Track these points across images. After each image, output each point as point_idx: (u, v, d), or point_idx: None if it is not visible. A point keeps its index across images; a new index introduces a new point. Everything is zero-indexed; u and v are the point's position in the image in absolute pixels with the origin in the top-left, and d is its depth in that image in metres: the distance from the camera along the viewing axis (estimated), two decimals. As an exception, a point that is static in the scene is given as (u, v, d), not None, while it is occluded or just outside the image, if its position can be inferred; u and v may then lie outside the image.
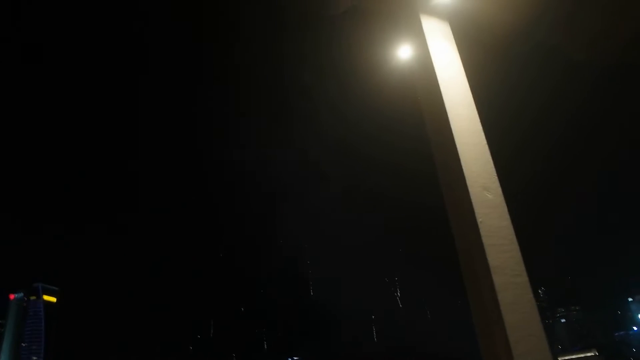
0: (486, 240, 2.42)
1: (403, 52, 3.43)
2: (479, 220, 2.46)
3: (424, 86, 2.91)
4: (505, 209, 2.56)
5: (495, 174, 2.65)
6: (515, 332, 2.24)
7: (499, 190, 2.61)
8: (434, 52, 2.85)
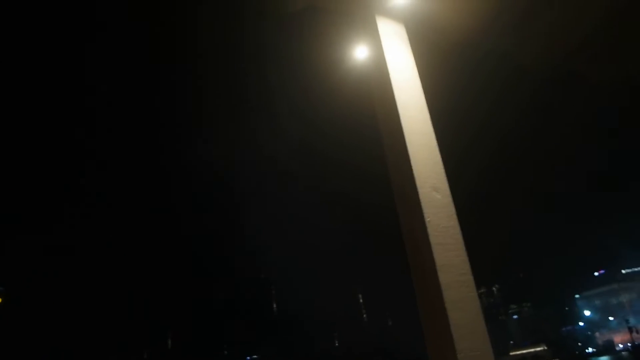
0: (433, 239, 2.48)
1: (360, 53, 3.46)
2: (427, 219, 2.51)
3: (377, 87, 2.94)
4: (453, 209, 2.63)
5: (445, 175, 2.71)
6: (459, 329, 2.30)
7: (448, 191, 2.68)
8: (389, 54, 2.89)
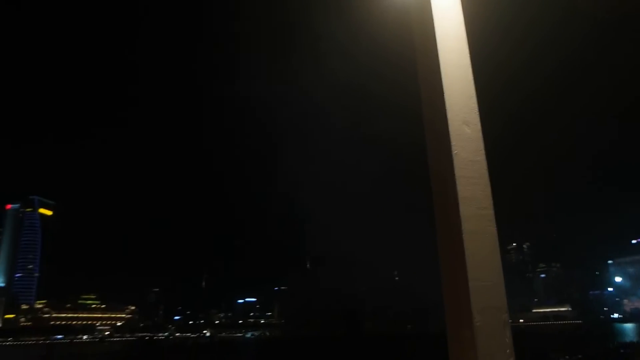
0: (458, 172, 2.50)
1: (404, -20, 3.33)
2: (454, 152, 2.52)
3: (416, 15, 2.87)
4: (482, 144, 2.62)
5: (477, 110, 2.68)
6: (474, 258, 2.37)
7: (478, 126, 2.66)
8: (432, -20, 2.79)
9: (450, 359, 2.43)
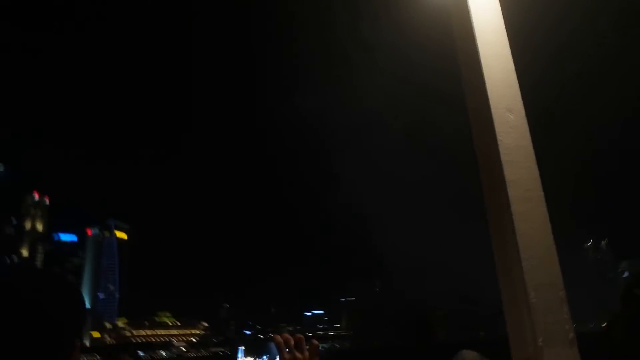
0: (504, 157, 2.59)
1: (440, -20, 3.48)
2: (499, 139, 2.62)
3: (455, 11, 3.00)
4: (527, 129, 2.70)
5: (520, 97, 2.77)
6: (525, 238, 2.45)
7: (522, 112, 2.74)
8: (466, -23, 2.92)
9: (510, 339, 2.51)
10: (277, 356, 1.60)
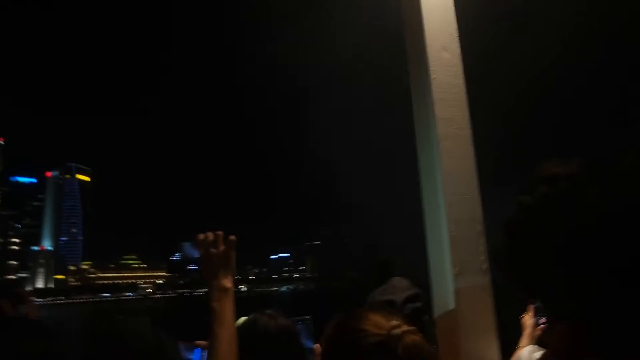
0: (436, 95, 2.63)
1: None
2: (432, 76, 2.65)
3: (397, -57, 2.92)
4: (461, 69, 2.73)
5: (456, 36, 2.77)
6: (450, 175, 2.54)
7: (458, 51, 2.76)
8: None
9: (430, 266, 2.65)
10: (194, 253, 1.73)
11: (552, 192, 0.84)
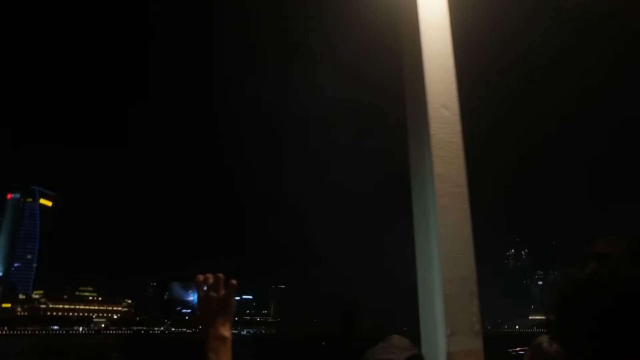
0: (435, 151, 2.65)
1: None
2: (432, 133, 2.68)
3: (403, 7, 3.02)
4: (459, 127, 2.78)
5: (456, 95, 2.84)
6: (445, 230, 2.53)
7: (457, 110, 2.81)
8: (418, -29, 2.94)
9: (421, 328, 2.59)
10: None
11: (602, 269, 0.85)
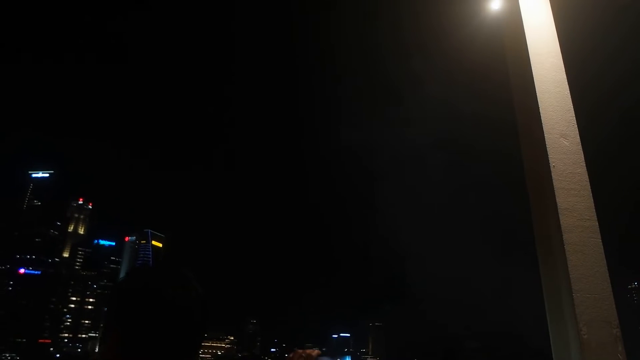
0: (557, 184, 2.50)
1: (494, 4, 3.44)
2: (552, 164, 2.54)
3: (509, 34, 2.95)
4: (582, 156, 2.61)
5: (575, 123, 2.68)
6: (577, 270, 2.34)
7: (577, 138, 2.65)
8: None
9: (557, 375, 2.38)
10: None
11: None
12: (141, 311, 1.13)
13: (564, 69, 2.80)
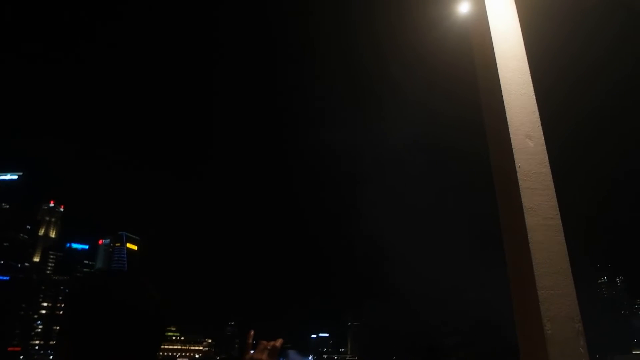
0: (522, 183, 2.57)
1: (463, 7, 3.51)
2: (517, 165, 2.60)
3: (476, 36, 3.02)
4: (546, 157, 2.68)
5: (539, 124, 2.75)
6: (542, 267, 2.41)
7: (542, 139, 2.72)
8: (489, 3, 2.94)
9: (523, 370, 2.45)
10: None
11: None
12: (91, 314, 1.12)
13: (529, 72, 2.88)
